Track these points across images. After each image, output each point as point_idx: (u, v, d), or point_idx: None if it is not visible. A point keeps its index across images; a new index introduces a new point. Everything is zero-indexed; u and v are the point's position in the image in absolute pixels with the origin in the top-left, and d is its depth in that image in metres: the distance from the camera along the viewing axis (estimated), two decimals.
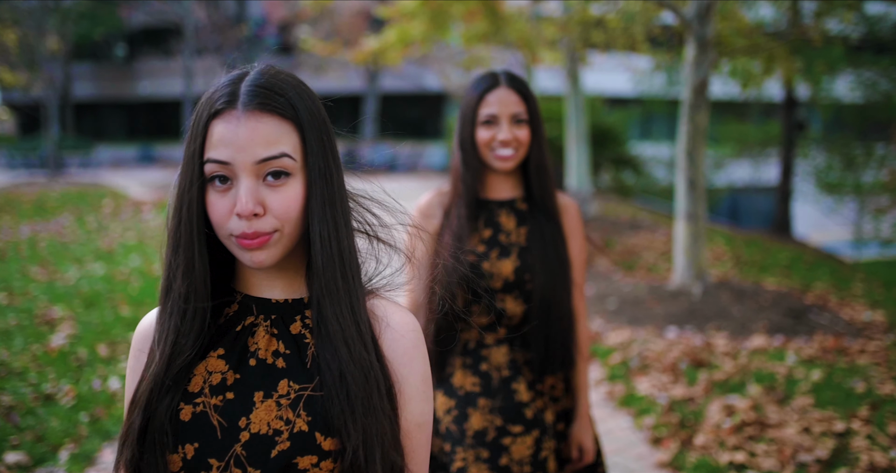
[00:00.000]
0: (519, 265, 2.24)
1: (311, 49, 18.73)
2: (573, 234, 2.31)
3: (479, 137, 2.22)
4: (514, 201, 2.31)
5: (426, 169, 27.92)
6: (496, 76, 2.26)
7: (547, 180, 2.27)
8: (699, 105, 7.24)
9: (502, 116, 2.20)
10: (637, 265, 9.13)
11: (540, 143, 2.25)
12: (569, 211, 2.32)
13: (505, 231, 2.28)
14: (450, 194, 2.32)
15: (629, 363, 5.71)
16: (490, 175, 2.30)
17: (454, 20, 13.72)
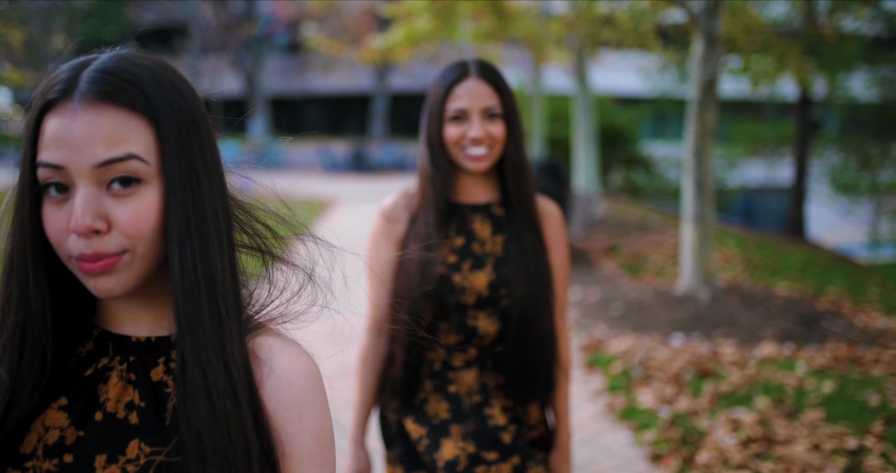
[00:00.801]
0: (494, 279, 2.01)
1: (318, 47, 18.52)
2: (555, 243, 2.08)
3: (448, 135, 1.98)
4: (490, 205, 2.07)
5: None
6: (465, 66, 2.02)
7: (525, 181, 2.03)
8: (707, 104, 6.98)
9: (473, 110, 1.97)
10: (644, 269, 8.88)
11: (517, 140, 2.02)
12: (550, 217, 2.09)
13: (479, 240, 2.05)
14: (417, 197, 2.08)
15: (631, 372, 5.46)
16: (462, 177, 2.07)
17: (461, 18, 13.52)
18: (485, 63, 2.04)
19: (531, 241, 2.02)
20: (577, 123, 12.58)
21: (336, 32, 24.24)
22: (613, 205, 15.23)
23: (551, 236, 2.07)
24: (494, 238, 2.06)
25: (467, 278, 2.01)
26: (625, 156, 19.59)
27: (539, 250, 2.02)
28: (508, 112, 1.99)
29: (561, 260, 2.11)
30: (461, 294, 1.99)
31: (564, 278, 2.13)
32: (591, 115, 12.53)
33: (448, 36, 14.38)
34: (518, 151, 2.03)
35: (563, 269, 2.12)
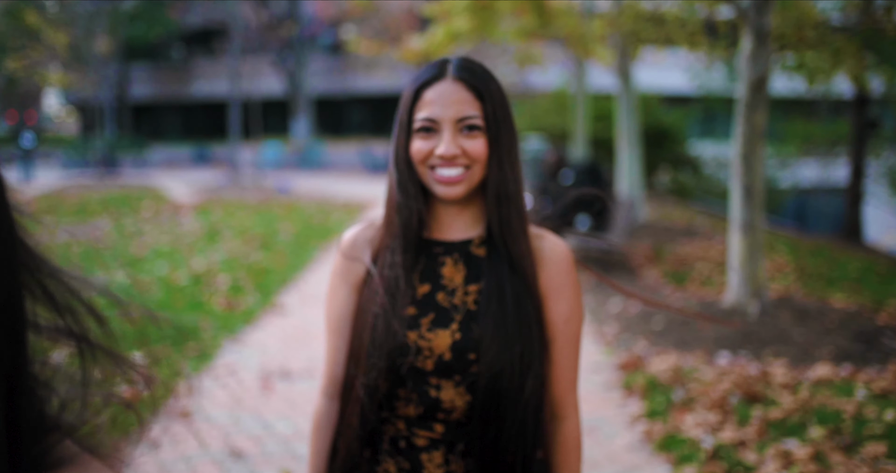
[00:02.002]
0: (460, 339, 1.58)
1: (357, 49, 18.30)
2: (558, 293, 1.63)
3: (413, 150, 1.59)
4: (469, 243, 1.66)
5: None
6: (443, 65, 1.62)
7: (513, 214, 1.61)
8: (757, 104, 6.53)
9: (444, 120, 1.57)
10: (689, 278, 8.42)
11: (504, 159, 1.61)
12: (553, 260, 1.65)
13: (447, 288, 1.64)
14: (381, 230, 1.69)
15: (672, 395, 5.05)
16: (438, 206, 1.66)
17: (501, 16, 13.19)
18: (468, 62, 1.64)
19: (515, 291, 1.59)
20: (621, 123, 12.14)
21: (377, 32, 24.01)
22: (659, 208, 14.72)
23: (553, 283, 1.63)
24: (467, 287, 1.64)
25: (425, 337, 1.59)
26: (672, 157, 19.02)
27: (524, 302, 1.59)
28: (493, 124, 1.59)
29: (566, 316, 1.65)
30: (417, 357, 1.59)
31: (573, 341, 1.66)
32: (634, 114, 12.08)
33: (488, 34, 14.07)
34: (505, 175, 1.61)
35: (570, 328, 1.65)
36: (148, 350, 6.19)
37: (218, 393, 5.32)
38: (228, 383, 5.53)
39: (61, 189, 21.76)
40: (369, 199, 18.01)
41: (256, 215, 15.30)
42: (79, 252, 11.25)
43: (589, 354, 6.06)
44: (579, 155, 14.39)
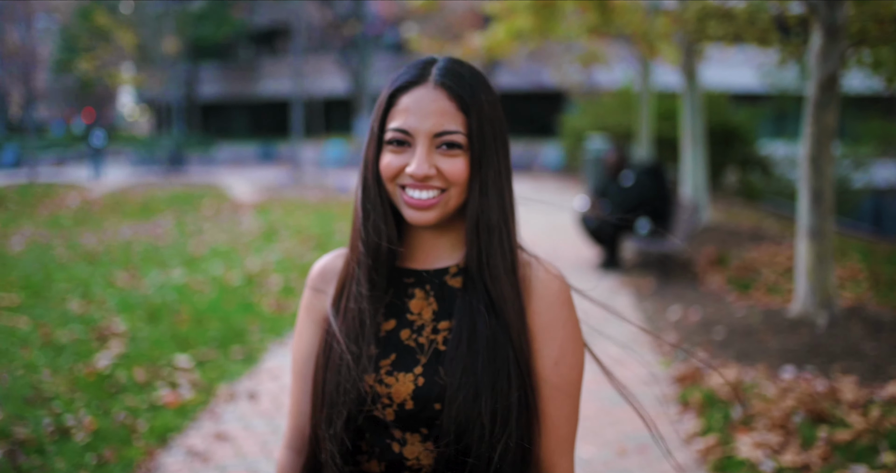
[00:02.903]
0: (423, 386, 1.35)
1: (418, 47, 18.21)
2: (548, 333, 1.39)
3: (383, 166, 1.38)
4: (445, 272, 1.44)
5: (541, 169, 27.01)
6: (426, 66, 1.40)
7: (494, 246, 1.38)
8: (827, 103, 6.17)
9: (419, 133, 1.34)
10: (754, 285, 8.06)
11: (485, 184, 1.37)
12: (543, 292, 1.40)
13: (413, 324, 1.41)
14: (347, 257, 1.47)
15: (731, 412, 4.77)
16: (411, 229, 1.46)
17: (564, 14, 12.93)
18: (456, 65, 1.41)
19: (491, 331, 1.35)
20: (685, 122, 11.76)
21: (439, 31, 23.89)
22: (725, 210, 14.26)
23: (542, 320, 1.38)
24: (438, 324, 1.40)
25: (384, 382, 1.36)
26: (740, 157, 18.44)
27: (500, 345, 1.35)
28: (477, 142, 1.35)
29: (556, 359, 1.38)
30: (375, 405, 1.36)
31: (566, 390, 1.40)
32: (699, 114, 11.69)
33: (550, 32, 13.82)
34: (488, 202, 1.37)
35: (562, 374, 1.38)
36: (194, 353, 6.13)
37: (262, 399, 5.22)
38: (271, 388, 5.43)
39: (128, 187, 22.16)
40: None
41: (314, 215, 15.30)
42: (140, 250, 11.37)
43: (645, 365, 5.80)
44: (644, 155, 14.03)
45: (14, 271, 9.71)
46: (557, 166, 26.36)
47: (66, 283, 8.95)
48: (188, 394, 5.22)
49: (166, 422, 4.71)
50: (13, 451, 4.23)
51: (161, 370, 5.67)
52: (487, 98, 1.39)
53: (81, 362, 5.86)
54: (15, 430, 4.50)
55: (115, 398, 5.12)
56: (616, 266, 9.27)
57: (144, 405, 5.00)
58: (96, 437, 4.47)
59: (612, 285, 8.58)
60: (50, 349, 6.25)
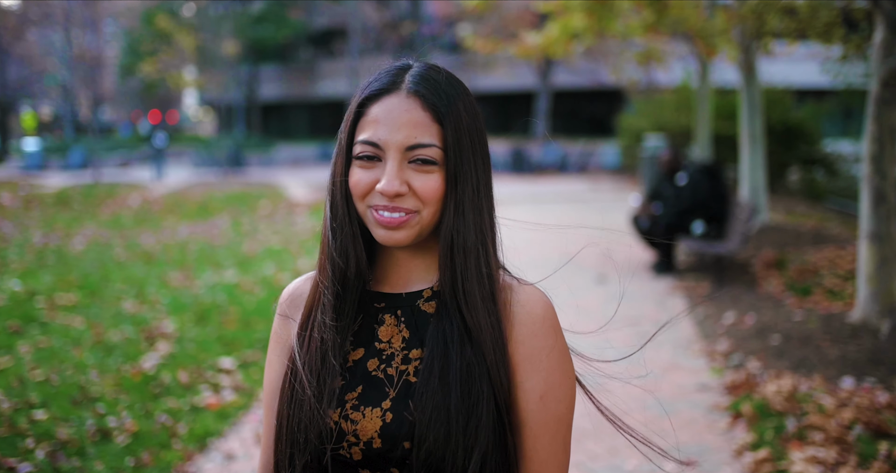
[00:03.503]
0: (391, 422, 1.23)
1: (473, 46, 18.11)
2: (531, 364, 1.25)
3: (352, 183, 1.27)
4: (419, 295, 1.32)
5: (598, 169, 26.67)
6: (400, 72, 1.29)
7: (470, 270, 1.26)
8: (890, 100, 5.90)
9: (390, 146, 1.23)
10: (814, 289, 7.77)
11: (462, 202, 1.25)
12: (526, 319, 1.27)
13: (382, 353, 1.29)
14: (314, 281, 1.36)
15: (785, 423, 4.57)
16: (384, 250, 1.35)
17: (619, 11, 12.71)
18: (433, 71, 1.29)
19: (465, 361, 1.22)
20: (743, 120, 11.45)
21: (495, 30, 23.76)
22: (786, 211, 13.85)
23: (525, 350, 1.25)
24: (409, 352, 1.28)
25: (349, 418, 1.24)
26: (803, 155, 17.91)
27: (476, 377, 1.22)
28: (453, 157, 1.23)
29: (541, 393, 1.25)
30: (341, 444, 1.24)
31: (552, 427, 1.26)
32: (758, 112, 11.36)
33: (605, 30, 13.62)
34: (464, 223, 1.25)
35: (547, 409, 1.25)
36: (239, 355, 6.14)
37: None
38: None
39: (188, 187, 22.53)
40: None
41: None
42: (195, 250, 11.51)
43: (696, 373, 5.62)
44: (702, 154, 13.71)
45: (74, 270, 9.90)
46: (614, 166, 26.01)
47: (123, 283, 9.08)
48: (230, 397, 5.22)
49: (206, 425, 4.71)
50: (55, 452, 4.26)
51: (205, 372, 5.69)
52: (466, 107, 1.28)
53: (129, 363, 5.91)
54: (58, 431, 4.55)
55: (158, 399, 5.14)
56: (670, 269, 9.05)
57: (186, 407, 5.02)
58: (136, 439, 4.49)
59: (665, 289, 8.37)
60: (100, 349, 6.33)
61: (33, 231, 13.86)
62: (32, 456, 4.21)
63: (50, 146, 32.62)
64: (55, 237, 13.03)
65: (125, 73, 38.48)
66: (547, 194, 19.42)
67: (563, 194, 19.27)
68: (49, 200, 19.47)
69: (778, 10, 9.57)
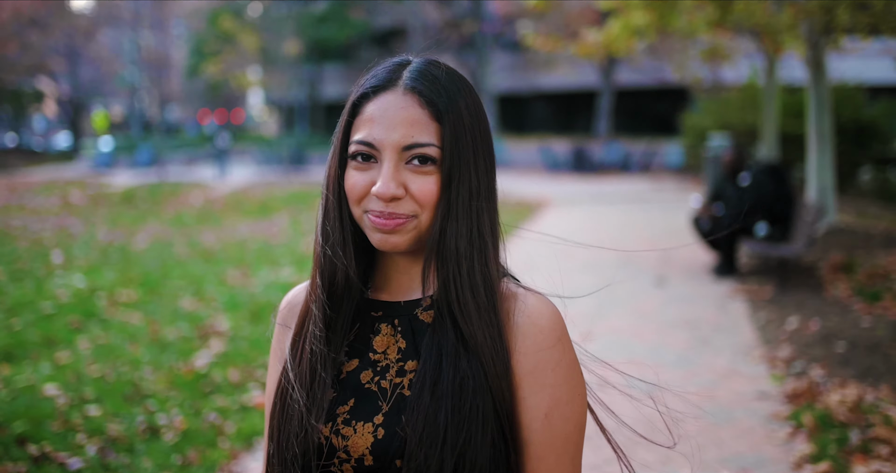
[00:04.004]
0: (383, 438, 1.16)
1: (533, 44, 17.95)
2: (535, 378, 1.17)
3: (348, 186, 1.20)
4: (418, 304, 1.24)
5: (661, 169, 26.23)
6: (398, 69, 1.22)
7: (463, 278, 1.18)
8: None
9: (385, 146, 1.16)
10: (885, 294, 7.46)
11: (454, 206, 1.18)
12: (529, 330, 1.18)
13: (376, 365, 1.22)
14: (308, 288, 1.31)
15: (848, 436, 4.37)
16: (383, 256, 1.28)
17: (681, 7, 12.46)
18: (432, 66, 1.22)
19: (459, 375, 1.15)
20: (811, 119, 11.10)
21: (556, 28, 23.55)
22: (857, 212, 13.40)
23: (528, 364, 1.17)
24: (403, 364, 1.21)
25: (341, 433, 1.18)
26: (876, 155, 17.32)
27: (471, 392, 1.14)
28: (450, 157, 1.16)
29: (546, 410, 1.17)
30: (332, 460, 1.17)
31: (559, 448, 1.17)
32: (826, 109, 11.00)
33: (667, 27, 13.36)
34: (456, 226, 1.18)
35: (553, 428, 1.17)
36: None
37: None
38: None
39: (250, 186, 22.84)
40: (544, 198, 17.61)
41: None
42: (254, 249, 11.63)
43: (755, 380, 5.43)
44: (769, 154, 13.35)
45: (136, 267, 10.08)
46: (678, 166, 25.54)
47: (182, 280, 9.21)
48: None
49: (254, 424, 4.71)
50: (105, 449, 4.30)
51: (255, 371, 5.70)
52: (468, 105, 1.20)
53: (182, 360, 5.96)
54: (109, 427, 4.59)
55: (208, 398, 5.17)
56: (732, 271, 8.81)
57: (235, 406, 5.02)
58: (184, 437, 4.51)
59: (726, 292, 8.13)
60: (156, 346, 6.40)
61: (99, 229, 14.18)
62: (83, 452, 4.26)
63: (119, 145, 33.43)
64: (120, 235, 13.31)
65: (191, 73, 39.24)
66: (608, 193, 19.17)
67: (625, 194, 18.99)
68: (115, 198, 19.94)
69: (848, 4, 9.25)
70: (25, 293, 8.47)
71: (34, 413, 4.80)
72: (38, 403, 5.01)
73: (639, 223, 13.55)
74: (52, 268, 10.13)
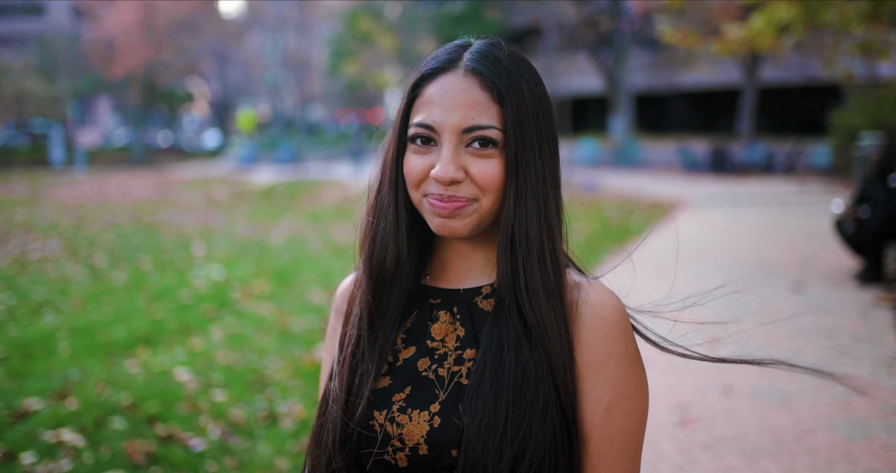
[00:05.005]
0: (439, 427, 1.13)
1: (671, 41, 17.47)
2: (597, 371, 1.13)
3: (407, 169, 1.17)
4: (478, 292, 1.21)
5: (806, 170, 25.01)
6: (459, 51, 1.18)
7: (533, 264, 1.14)
8: None
9: (445, 128, 1.12)
10: None
11: (523, 190, 1.14)
12: (592, 322, 1.13)
13: (434, 352, 1.19)
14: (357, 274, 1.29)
15: None
16: (442, 242, 1.25)
17: (831, 0, 11.86)
18: (493, 48, 1.17)
19: (521, 365, 1.11)
20: None
21: (696, 24, 22.85)
22: None
23: (591, 356, 1.12)
24: (462, 353, 1.17)
25: (396, 421, 1.15)
26: None
27: (532, 383, 1.10)
28: (514, 140, 1.12)
29: (607, 404, 1.12)
30: (384, 448, 1.15)
31: (620, 444, 1.13)
32: None
33: (816, 21, 12.72)
34: (525, 212, 1.14)
35: (614, 423, 1.12)
36: None
37: None
38: None
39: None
40: (679, 199, 17.12)
41: None
42: None
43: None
44: None
45: (270, 260, 10.46)
46: (825, 167, 24.28)
47: (312, 273, 9.48)
48: None
49: None
50: (227, 432, 4.46)
51: None
52: (531, 88, 1.15)
53: (305, 351, 6.12)
54: (232, 412, 4.76)
55: None
56: (877, 278, 8.27)
57: None
58: (302, 426, 4.62)
59: (870, 300, 7.65)
60: (283, 336, 6.61)
61: (239, 223, 14.80)
62: (206, 434, 4.43)
63: (262, 144, 34.82)
64: (257, 229, 13.84)
65: (331, 73, 40.40)
66: (748, 195, 18.44)
67: (766, 196, 18.22)
68: (256, 194, 20.76)
69: None
70: (167, 283, 8.94)
71: (166, 396, 5.04)
72: (170, 386, 5.26)
73: (778, 227, 12.96)
74: (193, 260, 10.65)
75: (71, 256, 11.11)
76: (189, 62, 41.10)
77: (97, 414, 4.69)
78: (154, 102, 44.25)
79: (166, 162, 39.52)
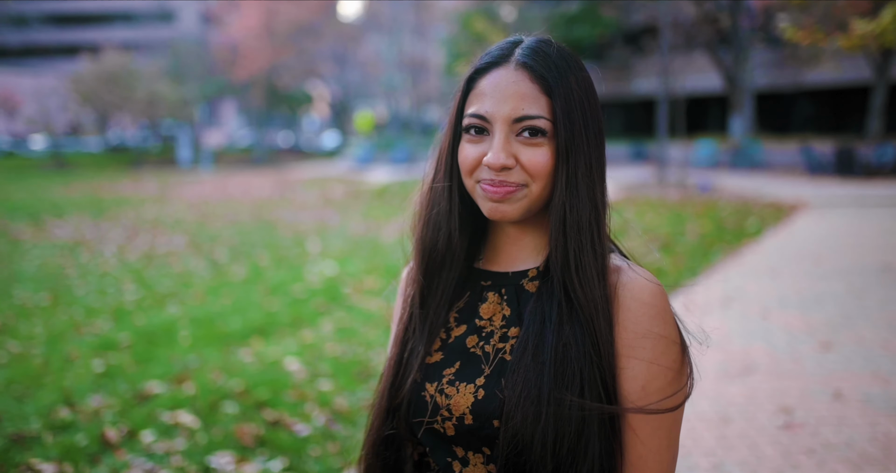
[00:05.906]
0: (483, 399, 1.22)
1: (793, 38, 16.86)
2: (633, 350, 1.18)
3: (461, 157, 1.26)
4: (525, 275, 1.30)
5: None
6: (511, 47, 1.27)
7: (584, 247, 1.21)
8: None
9: (496, 118, 1.21)
10: None
11: (574, 176, 1.21)
12: (631, 303, 1.20)
13: (482, 330, 1.29)
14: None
15: None
16: (494, 227, 1.35)
17: None
18: (543, 44, 1.25)
19: (562, 341, 1.18)
20: None
21: (821, 19, 21.96)
22: None
23: (628, 335, 1.18)
24: (507, 330, 1.26)
25: (445, 392, 1.25)
26: None
27: (573, 358, 1.17)
28: (564, 129, 1.19)
29: (643, 382, 1.18)
30: (434, 417, 1.25)
31: (655, 422, 1.19)
32: None
33: None
34: (577, 198, 1.21)
35: (649, 401, 1.18)
36: None
37: None
38: None
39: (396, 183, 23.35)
40: (800, 201, 16.53)
41: (668, 214, 14.90)
42: None
43: None
44: None
45: (381, 258, 10.73)
46: None
47: None
48: None
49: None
50: (330, 420, 4.66)
51: None
52: (578, 82, 1.23)
53: None
54: (337, 401, 4.96)
55: None
56: None
57: None
58: None
59: None
60: (388, 331, 6.79)
61: (352, 221, 15.20)
62: (311, 420, 4.63)
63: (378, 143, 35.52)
64: (371, 228, 14.19)
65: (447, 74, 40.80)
66: (874, 197, 17.62)
67: (895, 199, 17.37)
68: (370, 193, 21.24)
69: None
70: (283, 278, 9.31)
71: (275, 384, 5.29)
72: (280, 375, 5.51)
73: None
74: (307, 256, 11.03)
75: (194, 251, 11.70)
76: (309, 65, 42.34)
77: (212, 399, 4.97)
78: (276, 104, 45.81)
79: (286, 162, 40.84)
